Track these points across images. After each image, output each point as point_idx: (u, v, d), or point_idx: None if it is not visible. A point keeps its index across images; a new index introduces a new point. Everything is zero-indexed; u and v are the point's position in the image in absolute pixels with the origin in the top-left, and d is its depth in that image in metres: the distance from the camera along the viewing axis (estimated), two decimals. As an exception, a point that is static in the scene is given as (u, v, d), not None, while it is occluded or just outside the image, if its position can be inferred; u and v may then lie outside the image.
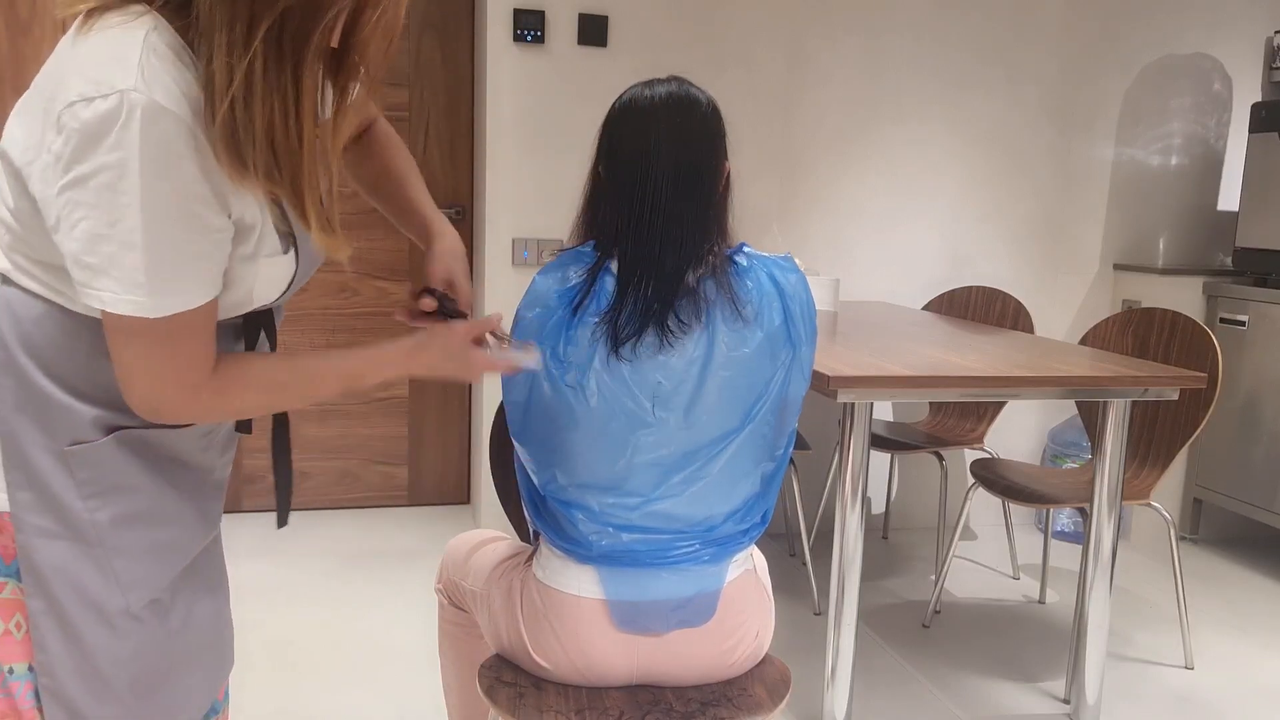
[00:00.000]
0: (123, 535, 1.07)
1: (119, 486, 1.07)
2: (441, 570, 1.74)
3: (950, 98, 3.58)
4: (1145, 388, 2.18)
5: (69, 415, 1.03)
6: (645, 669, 1.45)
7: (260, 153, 0.94)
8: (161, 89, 0.90)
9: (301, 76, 0.94)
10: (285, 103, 0.94)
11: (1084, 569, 2.33)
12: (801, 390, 1.46)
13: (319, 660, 2.54)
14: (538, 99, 3.18)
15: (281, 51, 0.92)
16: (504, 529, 1.82)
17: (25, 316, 1.01)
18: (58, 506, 1.04)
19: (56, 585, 1.04)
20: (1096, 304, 3.82)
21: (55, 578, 1.04)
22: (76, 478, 1.04)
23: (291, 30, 0.92)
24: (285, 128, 0.94)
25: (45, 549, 1.04)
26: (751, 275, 1.41)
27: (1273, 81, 3.83)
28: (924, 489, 3.76)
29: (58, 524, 1.04)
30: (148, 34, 0.91)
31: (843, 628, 2.15)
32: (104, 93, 0.89)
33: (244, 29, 0.90)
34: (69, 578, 1.05)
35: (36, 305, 1.01)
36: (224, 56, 0.90)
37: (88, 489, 1.05)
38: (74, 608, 1.05)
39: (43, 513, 1.04)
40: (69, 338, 1.02)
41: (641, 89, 1.42)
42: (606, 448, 1.37)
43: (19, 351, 1.01)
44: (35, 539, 1.04)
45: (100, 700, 1.07)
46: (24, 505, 1.03)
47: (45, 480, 1.03)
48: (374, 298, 3.59)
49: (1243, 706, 2.51)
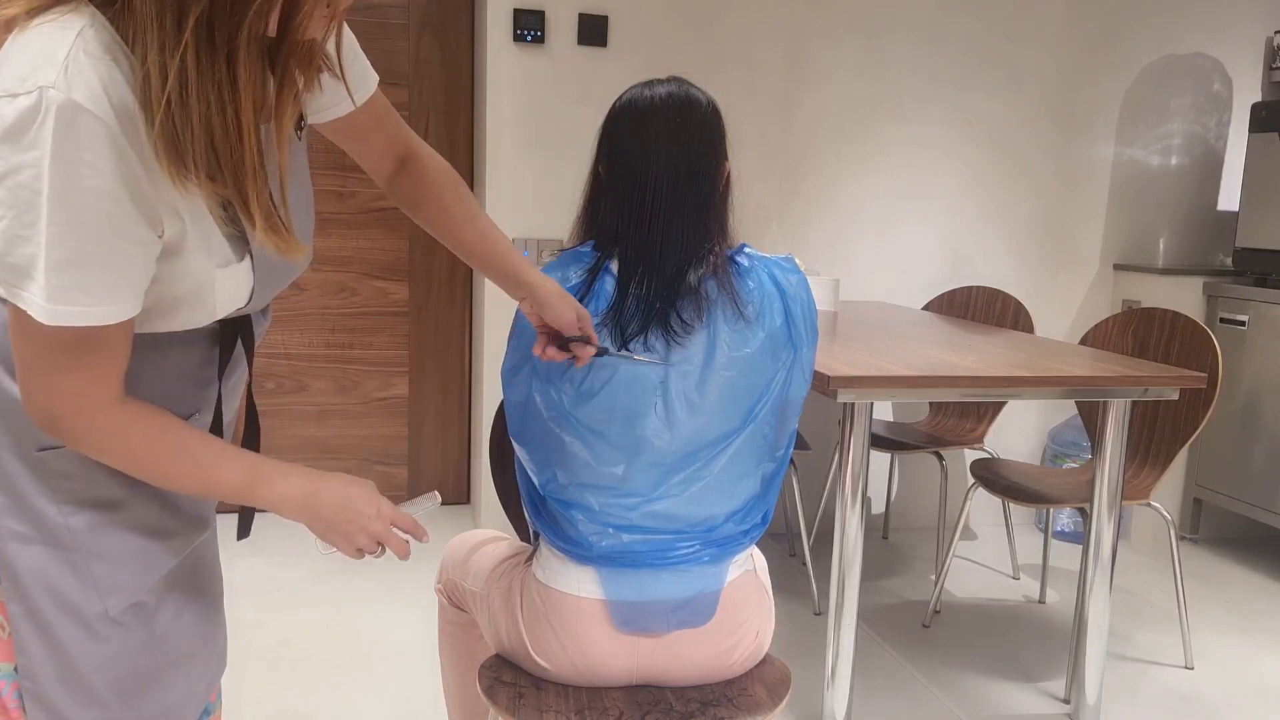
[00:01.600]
0: (100, 540, 1.06)
1: (93, 492, 1.05)
2: (441, 570, 1.74)
3: (950, 98, 3.58)
4: (1145, 388, 2.18)
5: None
6: (645, 669, 1.45)
7: (200, 152, 0.90)
8: (84, 88, 0.87)
9: (237, 68, 0.90)
10: (221, 97, 0.90)
11: (1084, 569, 2.33)
12: (803, 391, 1.46)
13: (318, 660, 2.54)
14: (537, 99, 3.18)
15: (214, 43, 0.88)
16: (504, 529, 1.82)
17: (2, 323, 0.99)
18: (31, 512, 1.03)
19: (33, 590, 1.03)
20: (1096, 304, 3.82)
21: (32, 582, 1.03)
22: (48, 484, 1.03)
23: (222, 19, 0.87)
24: (224, 124, 0.90)
25: (21, 553, 1.03)
26: (753, 276, 1.41)
27: (1273, 81, 3.83)
28: (924, 489, 3.76)
29: (32, 529, 1.03)
30: (82, 29, 0.88)
31: (843, 628, 2.15)
32: (27, 89, 0.86)
33: (173, 21, 0.86)
34: (45, 583, 1.04)
35: (4, 309, 0.98)
36: (156, 54, 0.87)
37: (60, 495, 1.04)
38: (52, 613, 1.04)
39: (17, 517, 1.03)
40: None
41: (641, 89, 1.42)
42: (606, 447, 1.37)
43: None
44: (10, 543, 1.03)
45: (81, 704, 1.06)
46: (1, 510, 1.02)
47: (17, 485, 1.03)
48: (374, 298, 3.59)
49: (1243, 706, 2.51)
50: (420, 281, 3.62)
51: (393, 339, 3.64)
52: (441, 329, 3.68)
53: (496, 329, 3.29)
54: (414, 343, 3.66)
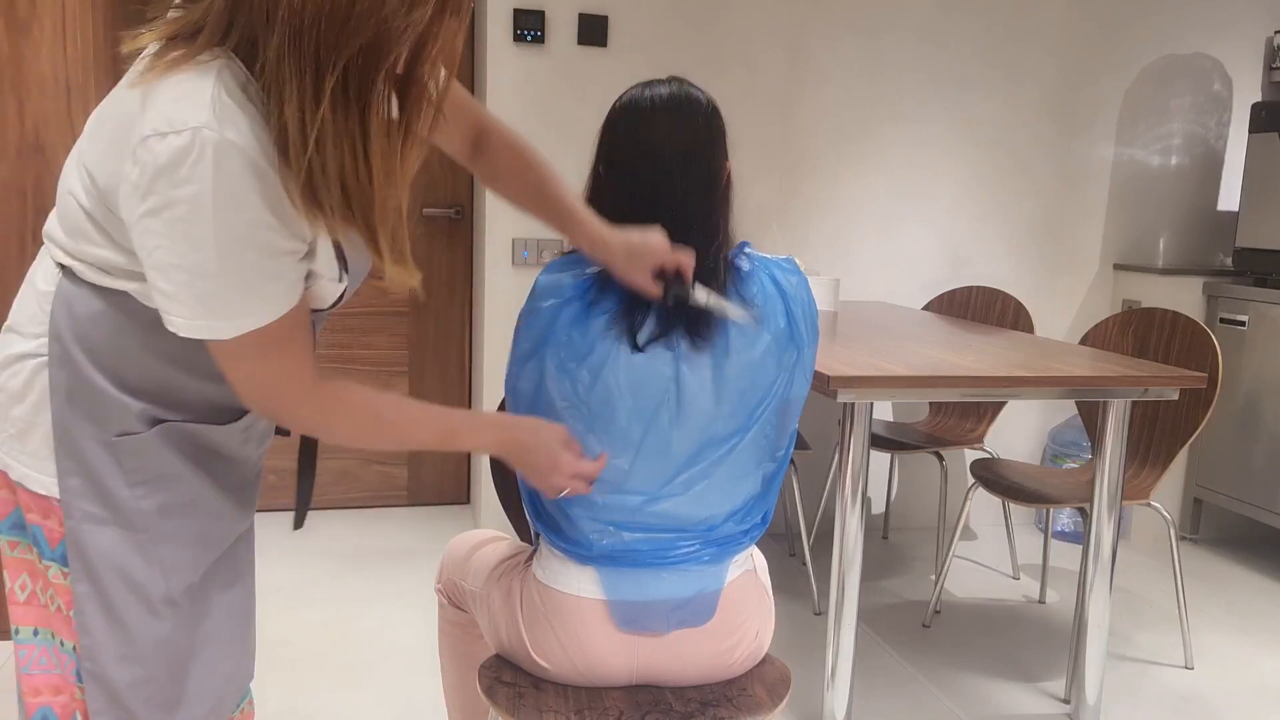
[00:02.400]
0: (167, 523, 1.12)
1: (164, 476, 1.11)
2: (441, 570, 1.74)
3: (950, 98, 3.58)
4: (1145, 388, 2.18)
5: (118, 408, 1.08)
6: (645, 669, 1.45)
7: (334, 196, 0.97)
8: (233, 126, 0.93)
9: (369, 119, 0.97)
10: (355, 147, 0.97)
11: (1084, 569, 2.33)
12: (804, 391, 1.46)
13: (318, 660, 2.54)
14: (538, 99, 3.18)
15: (348, 98, 0.95)
16: (504, 529, 1.82)
17: (82, 314, 1.06)
18: (106, 494, 1.08)
19: (103, 570, 1.09)
20: (1096, 304, 3.82)
21: (102, 563, 1.08)
22: (124, 467, 1.08)
23: (356, 76, 0.95)
24: (355, 170, 0.98)
25: (93, 535, 1.08)
26: (755, 278, 1.41)
27: (1273, 81, 3.83)
28: (924, 489, 3.76)
29: (106, 510, 1.08)
30: (220, 71, 0.95)
31: (843, 628, 2.15)
32: (177, 129, 0.92)
33: (312, 80, 0.93)
34: (115, 563, 1.09)
35: (94, 303, 1.06)
36: (295, 109, 0.93)
37: (134, 477, 1.09)
38: (119, 592, 1.09)
39: (92, 499, 1.08)
40: (122, 336, 1.07)
41: (641, 90, 1.42)
42: (612, 444, 1.37)
43: (74, 346, 1.06)
44: (84, 524, 1.08)
45: (138, 684, 1.11)
46: (74, 492, 1.08)
47: (95, 468, 1.08)
48: (374, 298, 3.59)
49: (1243, 706, 2.51)
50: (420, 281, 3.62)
51: (393, 339, 3.64)
52: (441, 329, 3.68)
53: (496, 329, 3.29)
54: (414, 343, 3.66)
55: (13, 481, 1.12)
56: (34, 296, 1.10)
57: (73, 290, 1.06)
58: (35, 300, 1.10)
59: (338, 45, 0.93)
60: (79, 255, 1.06)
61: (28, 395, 1.09)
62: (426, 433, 1.21)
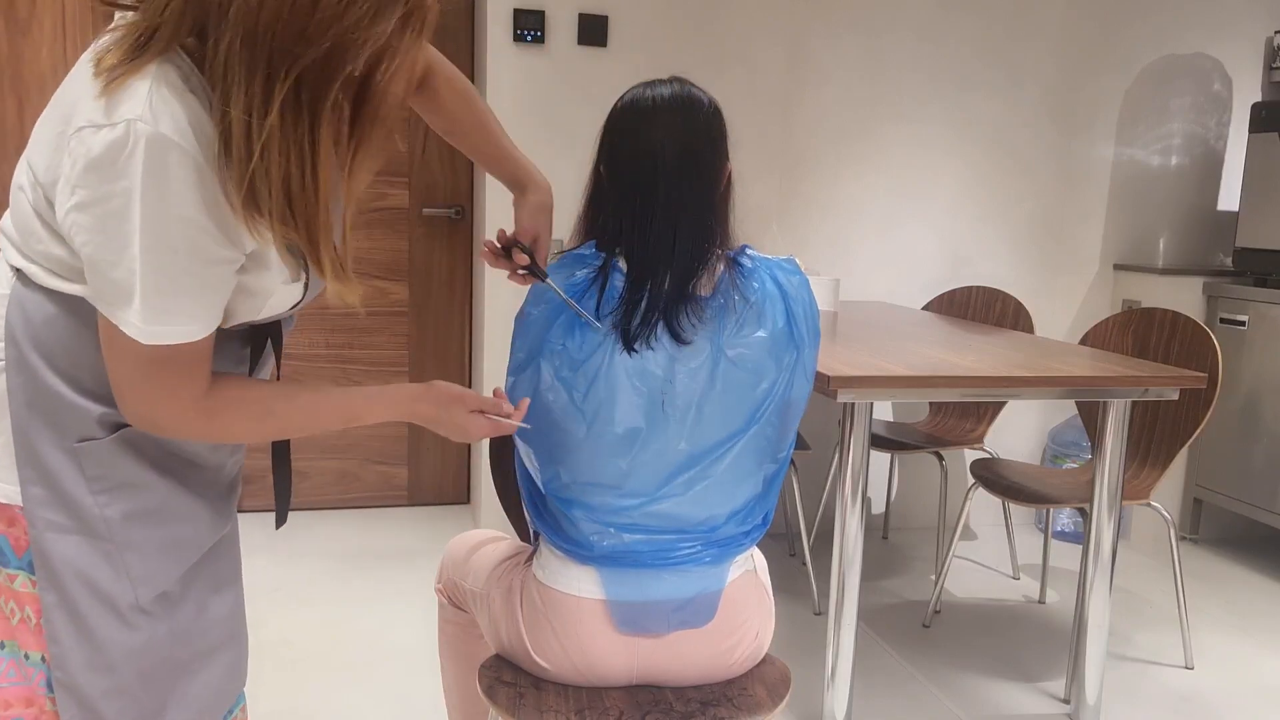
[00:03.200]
0: (134, 531, 1.09)
1: (129, 483, 1.08)
2: (441, 570, 1.74)
3: (950, 97, 3.58)
4: (1145, 388, 2.18)
5: (77, 413, 1.05)
6: (645, 669, 1.45)
7: (276, 201, 0.95)
8: (169, 120, 0.91)
9: (318, 131, 0.95)
10: (302, 157, 0.94)
11: (1084, 569, 2.33)
12: (805, 392, 1.46)
13: (318, 660, 2.54)
14: (538, 99, 3.18)
15: (299, 107, 0.93)
16: (504, 529, 1.82)
17: (36, 317, 1.03)
18: (69, 502, 1.06)
19: (68, 579, 1.06)
20: (1096, 304, 3.82)
21: (66, 572, 1.06)
22: (86, 474, 1.06)
23: (309, 86, 0.92)
24: (301, 180, 0.95)
25: (57, 543, 1.06)
26: (756, 277, 1.41)
27: (1273, 81, 3.83)
28: (924, 489, 3.76)
29: (69, 519, 1.06)
30: (160, 64, 0.92)
31: (843, 628, 2.15)
32: (112, 121, 0.90)
33: (262, 86, 0.90)
34: (80, 572, 1.06)
35: (48, 306, 1.03)
36: (242, 112, 0.90)
37: (97, 485, 1.06)
38: (86, 601, 1.07)
39: (54, 508, 1.05)
40: (77, 339, 1.04)
41: (643, 90, 1.42)
42: (611, 446, 1.37)
43: (30, 350, 1.03)
44: (47, 533, 1.05)
45: (110, 693, 1.09)
46: (36, 500, 1.05)
47: (56, 476, 1.05)
48: (374, 298, 3.59)
49: (1243, 706, 2.51)
50: (420, 281, 3.62)
51: (393, 339, 3.64)
52: (441, 329, 3.68)
53: (496, 329, 3.29)
54: (414, 343, 3.66)
55: None
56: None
57: (26, 294, 1.03)
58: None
59: (293, 52, 0.89)
60: (31, 255, 1.03)
61: None
62: (327, 418, 1.16)
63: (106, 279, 0.95)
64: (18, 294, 1.04)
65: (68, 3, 3.13)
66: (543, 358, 1.38)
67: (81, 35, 3.13)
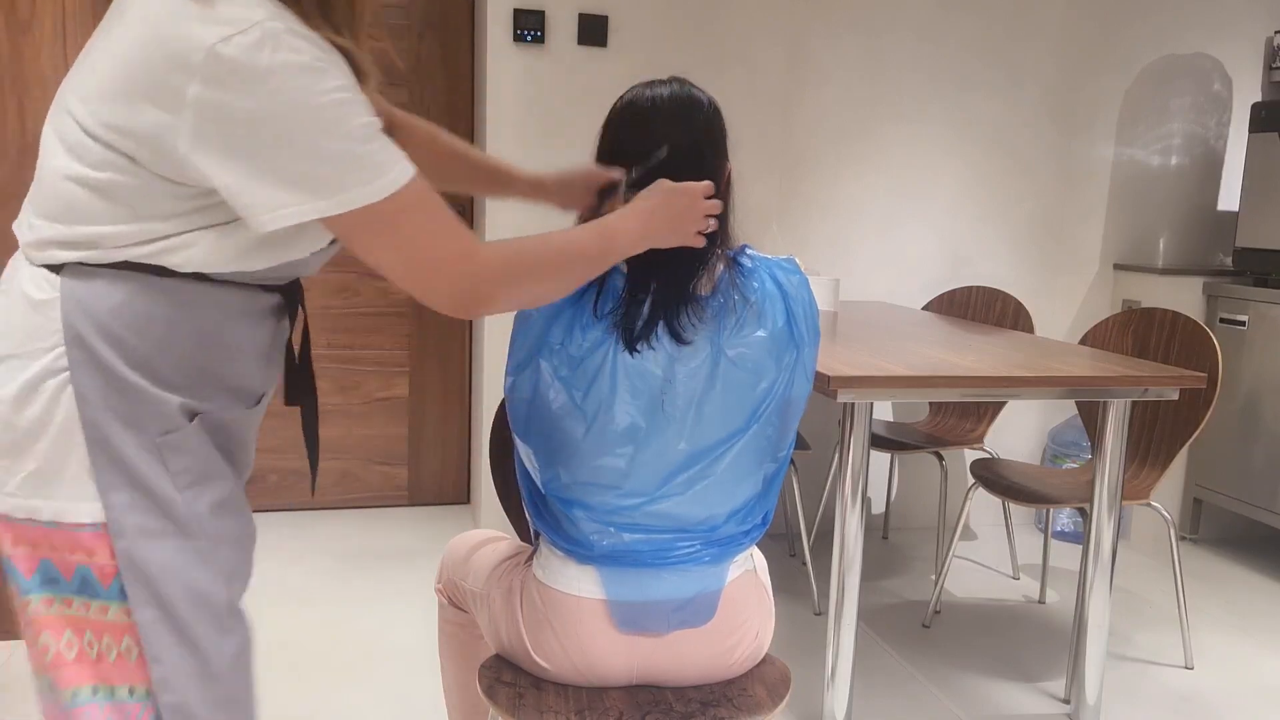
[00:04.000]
0: (219, 523, 1.07)
1: (208, 473, 1.07)
2: (441, 570, 1.74)
3: (950, 97, 3.58)
4: (1145, 388, 2.18)
5: (157, 405, 1.02)
6: (645, 669, 1.45)
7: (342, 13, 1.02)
8: (285, 18, 0.95)
9: None
10: None
11: (1084, 569, 2.33)
12: (805, 391, 1.46)
13: (319, 660, 2.54)
14: (538, 99, 3.18)
15: None
16: (504, 529, 1.82)
17: (102, 309, 1.00)
18: (160, 501, 1.02)
19: (168, 587, 1.02)
20: (1096, 304, 3.82)
21: (165, 579, 1.02)
22: (171, 469, 1.03)
23: None
24: None
25: (151, 550, 1.02)
26: (756, 277, 1.41)
27: (1273, 81, 3.83)
28: (924, 489, 3.76)
29: (161, 520, 1.03)
30: None
31: (843, 628, 2.15)
32: (242, 28, 0.92)
33: None
34: (179, 575, 1.03)
35: (113, 294, 1.00)
36: None
37: (183, 479, 1.04)
38: (187, 609, 1.03)
39: (145, 511, 1.02)
40: (149, 324, 1.01)
41: (642, 89, 1.42)
42: (611, 445, 1.37)
43: (102, 347, 1.00)
44: (139, 541, 1.01)
45: (220, 704, 1.06)
46: (123, 507, 1.01)
47: (142, 477, 1.02)
48: (374, 298, 3.59)
49: (1243, 706, 2.51)
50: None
51: (393, 339, 3.64)
52: (441, 329, 3.68)
53: (497, 329, 3.29)
54: (414, 343, 3.66)
55: (42, 528, 1.01)
56: (26, 309, 1.02)
57: (83, 287, 1.00)
58: (29, 313, 1.01)
59: None
60: (84, 241, 0.99)
61: (51, 422, 1.00)
62: (589, 245, 1.20)
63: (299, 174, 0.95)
64: (72, 292, 1.00)
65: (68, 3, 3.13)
66: (542, 357, 1.38)
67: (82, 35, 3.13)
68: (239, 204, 0.97)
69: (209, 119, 0.93)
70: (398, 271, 1.03)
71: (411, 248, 1.02)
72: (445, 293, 1.06)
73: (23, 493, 1.01)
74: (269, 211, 0.96)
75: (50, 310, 1.00)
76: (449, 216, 1.04)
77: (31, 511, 1.01)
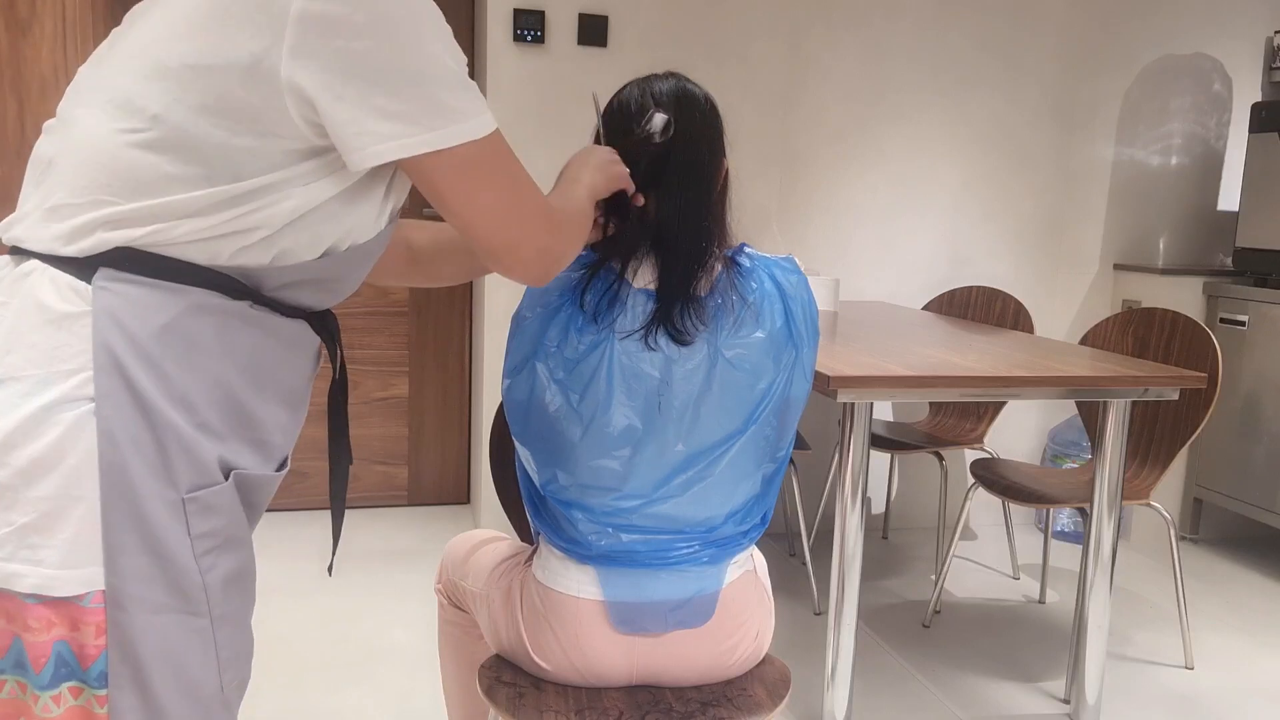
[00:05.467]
0: (229, 600, 0.93)
1: (232, 539, 0.93)
2: (441, 570, 1.73)
3: (951, 96, 3.58)
4: (1145, 388, 2.18)
5: (194, 453, 0.88)
6: (645, 669, 1.45)
7: None
8: None
9: None
10: None
11: (1084, 569, 2.33)
12: (804, 391, 1.46)
13: (319, 660, 2.54)
14: (538, 99, 3.18)
15: None
16: (504, 529, 1.82)
17: (141, 328, 0.86)
18: (172, 571, 0.87)
19: (155, 672, 0.87)
20: (1096, 304, 3.82)
21: (155, 663, 0.87)
22: (193, 532, 0.89)
23: None
24: None
25: (150, 628, 0.86)
26: (754, 276, 1.41)
27: (1273, 81, 3.83)
28: (924, 489, 3.76)
29: (169, 593, 0.87)
30: None
31: (843, 628, 2.15)
32: None
33: None
34: (172, 660, 0.88)
35: (158, 311, 0.86)
36: None
37: (204, 544, 0.89)
38: (171, 696, 0.88)
39: (154, 581, 0.86)
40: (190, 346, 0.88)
41: (639, 85, 1.42)
42: (609, 447, 1.37)
43: (140, 373, 0.85)
44: (140, 616, 0.86)
45: None
46: (131, 575, 0.85)
47: (160, 539, 0.86)
48: (374, 298, 3.59)
49: (1243, 706, 2.51)
50: None
51: (393, 339, 3.64)
52: (441, 329, 3.68)
53: (496, 329, 3.29)
54: (414, 343, 3.66)
55: (17, 602, 0.84)
56: (39, 324, 0.86)
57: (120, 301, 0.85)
58: (45, 328, 0.85)
59: None
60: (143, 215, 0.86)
61: (62, 461, 0.84)
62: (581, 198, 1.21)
63: (418, 102, 0.88)
64: (106, 306, 0.85)
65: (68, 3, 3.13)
66: (538, 359, 1.38)
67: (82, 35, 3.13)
68: (342, 133, 0.87)
69: (314, 33, 0.84)
70: (489, 222, 0.97)
71: (508, 195, 0.97)
72: (531, 248, 1.00)
73: (2, 553, 0.83)
74: (377, 142, 0.87)
75: (77, 326, 0.85)
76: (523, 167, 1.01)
77: (7, 580, 0.83)
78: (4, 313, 0.88)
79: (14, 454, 0.83)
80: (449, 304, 3.67)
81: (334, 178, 0.93)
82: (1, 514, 0.83)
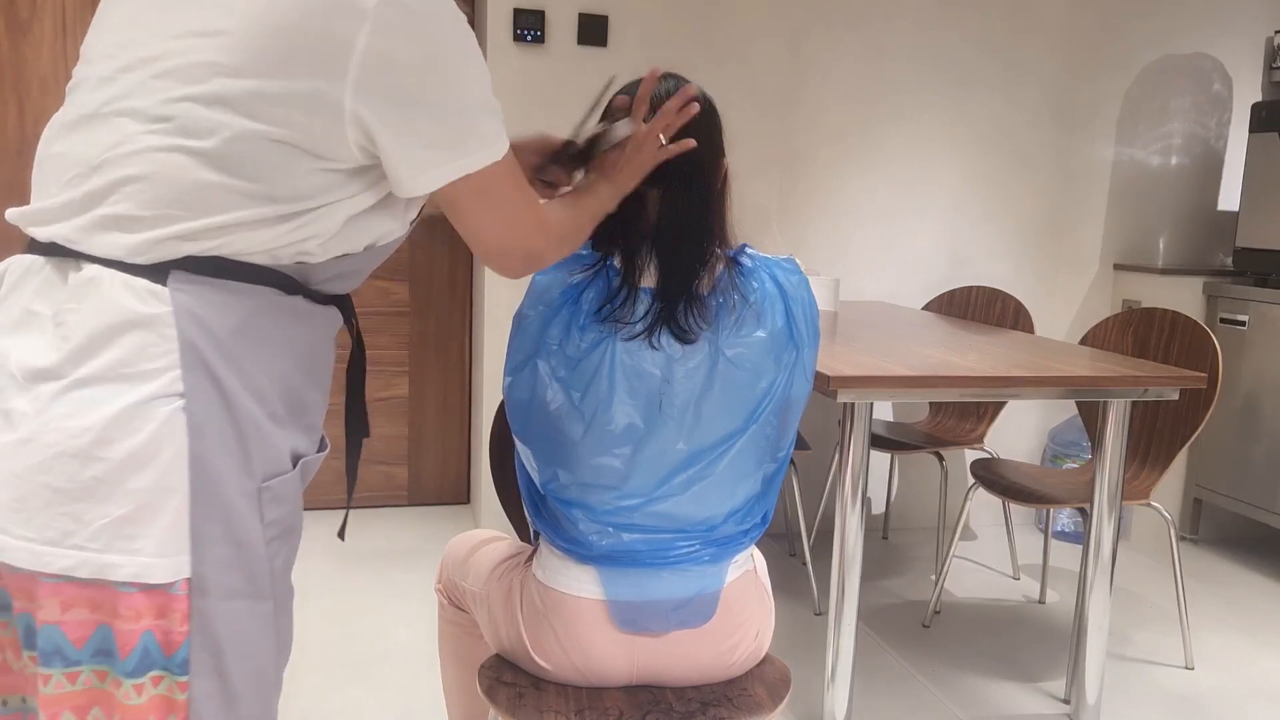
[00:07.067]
0: (284, 585, 0.98)
1: (292, 527, 0.98)
2: (441, 570, 1.74)
3: (950, 97, 3.58)
4: (1145, 388, 2.18)
5: (269, 443, 0.93)
6: (645, 669, 1.45)
7: None
8: None
9: None
10: None
11: (1084, 569, 2.33)
12: (805, 391, 1.46)
13: (319, 660, 2.54)
14: (538, 99, 3.18)
15: None
16: (504, 529, 1.82)
17: (220, 326, 0.90)
18: (248, 557, 0.92)
19: (231, 658, 0.91)
20: (1096, 304, 3.82)
21: (231, 648, 0.91)
22: (265, 519, 0.93)
23: None
24: None
25: (227, 614, 0.90)
26: (756, 276, 1.41)
27: (1273, 81, 3.83)
28: (924, 489, 3.76)
29: (244, 580, 0.91)
30: None
31: (843, 628, 2.15)
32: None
33: None
34: (245, 645, 0.92)
35: (232, 310, 0.91)
36: None
37: (273, 530, 0.94)
38: (243, 680, 0.92)
39: (231, 569, 0.90)
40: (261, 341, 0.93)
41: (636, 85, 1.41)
42: (610, 445, 1.37)
43: (224, 369, 0.89)
44: (220, 603, 0.89)
45: None
46: (216, 563, 0.89)
47: (240, 528, 0.91)
48: (374, 298, 3.59)
49: (1243, 706, 2.51)
50: (420, 281, 3.62)
51: (393, 339, 3.64)
52: (441, 329, 3.68)
53: (496, 329, 3.29)
54: (414, 343, 3.66)
55: (110, 591, 0.87)
56: (122, 325, 0.87)
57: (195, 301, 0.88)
58: (130, 329, 0.87)
59: None
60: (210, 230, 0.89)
61: (157, 456, 0.86)
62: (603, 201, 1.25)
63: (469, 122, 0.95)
64: (185, 306, 0.88)
65: (68, 3, 3.13)
66: (540, 358, 1.38)
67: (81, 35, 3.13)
68: (395, 161, 0.94)
69: (378, 69, 0.89)
70: (492, 232, 1.04)
71: (513, 210, 1.04)
72: (521, 253, 1.08)
73: (97, 544, 0.85)
74: (423, 171, 0.95)
75: (161, 326, 0.88)
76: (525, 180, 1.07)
77: (102, 570, 0.86)
78: (78, 318, 0.89)
79: (111, 448, 0.86)
80: (449, 304, 3.67)
81: (375, 189, 1.00)
82: (98, 506, 0.86)
